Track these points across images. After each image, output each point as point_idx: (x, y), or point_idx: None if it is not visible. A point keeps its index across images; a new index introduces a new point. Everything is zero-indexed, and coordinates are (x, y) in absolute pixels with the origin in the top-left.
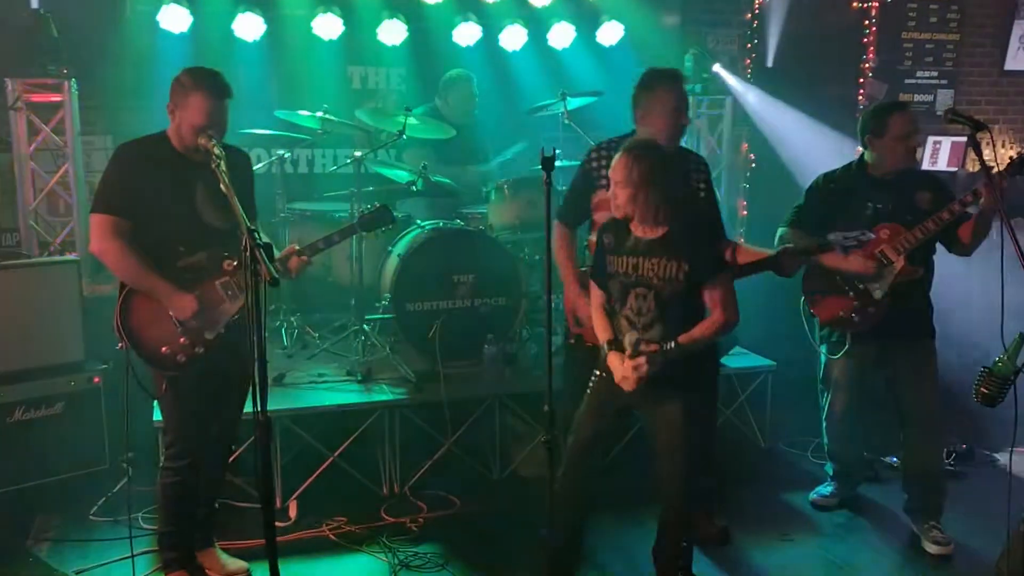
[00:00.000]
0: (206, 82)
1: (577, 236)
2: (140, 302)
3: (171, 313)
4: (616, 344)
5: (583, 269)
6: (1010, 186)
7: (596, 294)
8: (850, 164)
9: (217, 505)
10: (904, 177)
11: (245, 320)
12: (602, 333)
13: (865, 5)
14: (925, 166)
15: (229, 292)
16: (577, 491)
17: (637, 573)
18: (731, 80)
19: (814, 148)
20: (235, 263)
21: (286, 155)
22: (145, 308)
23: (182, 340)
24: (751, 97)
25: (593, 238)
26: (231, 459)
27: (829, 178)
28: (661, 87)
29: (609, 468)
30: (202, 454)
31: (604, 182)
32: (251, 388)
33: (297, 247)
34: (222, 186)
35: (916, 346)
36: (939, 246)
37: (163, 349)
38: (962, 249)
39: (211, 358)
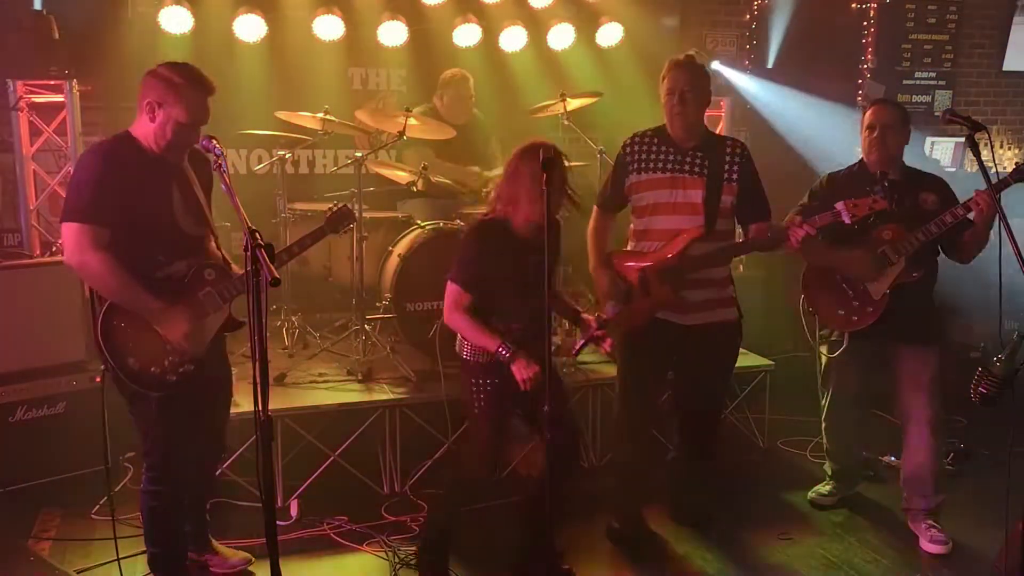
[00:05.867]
0: (199, 78)
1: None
2: (123, 318)
3: (161, 332)
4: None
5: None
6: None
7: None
8: (854, 164)
9: (209, 506)
10: (909, 178)
11: (231, 331)
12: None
13: (864, 6)
14: (919, 166)
15: (212, 303)
16: None
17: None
18: (733, 76)
19: (818, 141)
20: (215, 273)
21: (287, 156)
22: (130, 325)
23: (171, 358)
24: (756, 89)
25: (634, 226)
26: (232, 459)
27: (833, 177)
28: (664, 75)
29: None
30: (184, 473)
31: (634, 167)
32: (252, 388)
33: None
34: (223, 186)
35: (918, 349)
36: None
37: (152, 369)
38: (961, 256)
39: (200, 372)
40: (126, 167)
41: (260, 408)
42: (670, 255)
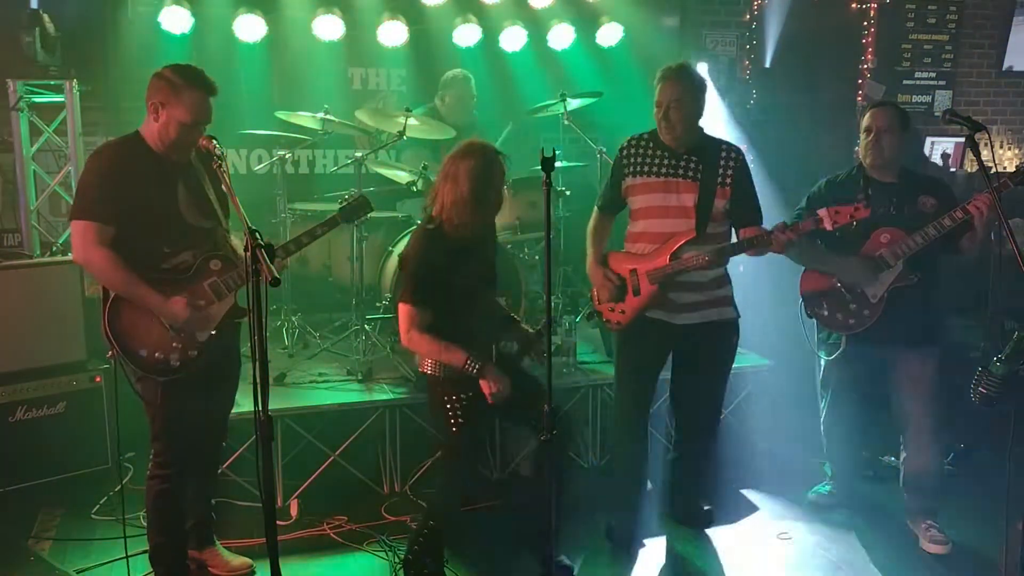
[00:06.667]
0: (200, 79)
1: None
2: (128, 308)
3: (163, 321)
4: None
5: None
6: (1012, 193)
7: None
8: (852, 168)
9: (214, 502)
10: (907, 181)
11: (236, 319)
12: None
13: (864, 6)
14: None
15: (217, 292)
16: None
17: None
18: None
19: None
20: (221, 264)
21: (287, 156)
22: (134, 314)
23: (175, 344)
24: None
25: (634, 228)
26: (232, 459)
27: (831, 183)
28: (655, 84)
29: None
30: (191, 460)
31: (629, 170)
32: (252, 388)
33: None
34: (223, 186)
35: (917, 352)
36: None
37: (156, 355)
38: (961, 256)
39: (204, 360)
40: (129, 166)
41: (260, 408)
42: (660, 257)
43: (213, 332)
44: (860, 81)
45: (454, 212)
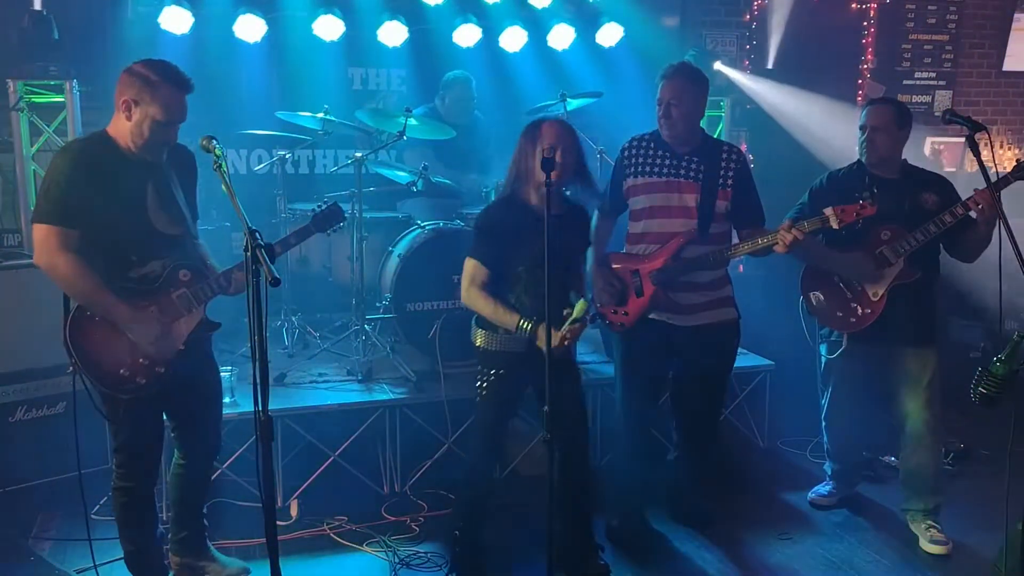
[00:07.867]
0: (177, 76)
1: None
2: (92, 320)
3: (129, 336)
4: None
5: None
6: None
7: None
8: (854, 163)
9: (206, 510)
10: (909, 177)
11: (207, 332)
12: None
13: (864, 6)
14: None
15: (185, 305)
16: None
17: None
18: (736, 75)
19: (821, 138)
20: (190, 274)
21: (287, 156)
22: (99, 326)
23: (141, 361)
24: (760, 88)
25: (635, 229)
26: (232, 459)
27: (833, 177)
28: (659, 80)
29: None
30: (155, 475)
31: (631, 171)
32: (252, 388)
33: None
34: (223, 187)
35: (917, 350)
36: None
37: (121, 372)
38: (963, 255)
39: (172, 375)
40: (97, 167)
41: (260, 408)
42: (663, 258)
43: (182, 347)
44: (860, 81)
45: (521, 185)
